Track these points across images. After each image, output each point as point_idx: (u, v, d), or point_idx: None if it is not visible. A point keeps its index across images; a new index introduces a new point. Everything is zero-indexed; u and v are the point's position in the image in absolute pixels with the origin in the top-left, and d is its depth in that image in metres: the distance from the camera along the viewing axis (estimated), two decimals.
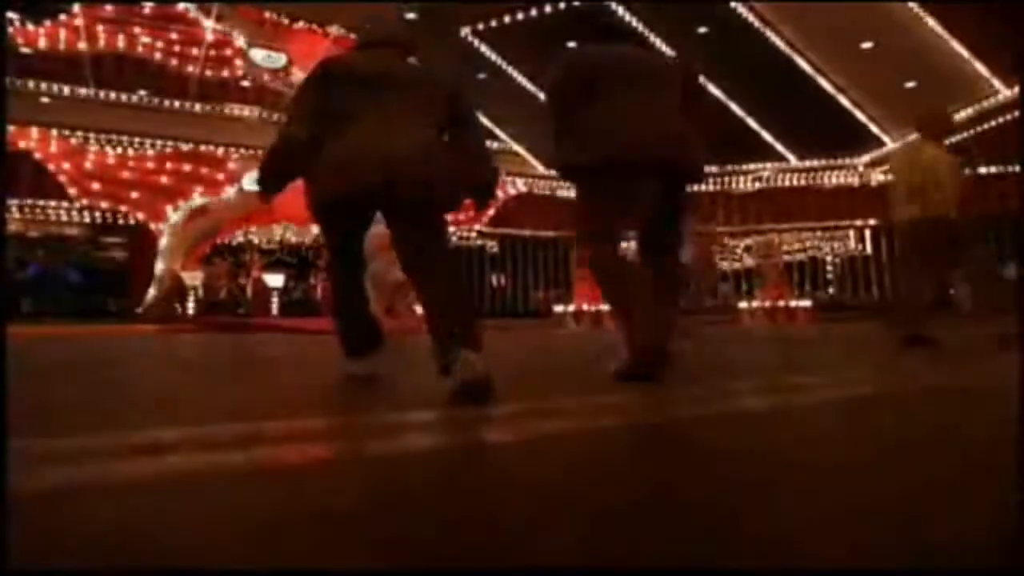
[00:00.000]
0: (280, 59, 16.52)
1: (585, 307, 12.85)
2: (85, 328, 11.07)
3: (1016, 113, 14.17)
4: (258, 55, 16.24)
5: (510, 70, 13.19)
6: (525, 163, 17.81)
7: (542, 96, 2.87)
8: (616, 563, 0.65)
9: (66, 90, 14.29)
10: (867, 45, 11.84)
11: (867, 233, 19.98)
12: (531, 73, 13.18)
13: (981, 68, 12.49)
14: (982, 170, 17.40)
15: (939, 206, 4.35)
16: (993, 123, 14.20)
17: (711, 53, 12.20)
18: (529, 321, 15.16)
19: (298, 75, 16.84)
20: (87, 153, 14.73)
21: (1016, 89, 13.01)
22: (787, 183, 18.70)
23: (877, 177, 18.11)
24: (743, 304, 13.69)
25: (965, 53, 11.82)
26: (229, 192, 15.73)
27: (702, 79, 2.85)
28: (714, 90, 13.82)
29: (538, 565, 0.65)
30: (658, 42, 11.91)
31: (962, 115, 14.38)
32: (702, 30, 11.49)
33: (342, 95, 2.41)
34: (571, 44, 10.65)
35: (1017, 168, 16.81)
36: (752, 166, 18.30)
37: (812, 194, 18.59)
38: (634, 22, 11.47)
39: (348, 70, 2.50)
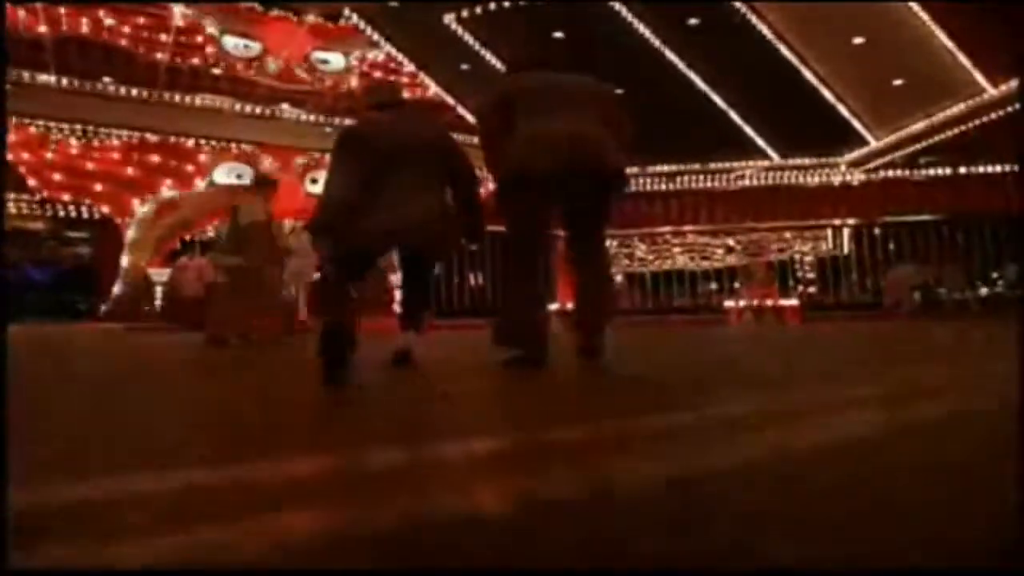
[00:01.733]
0: (254, 47, 15.92)
1: (569, 306, 12.50)
2: (48, 328, 10.47)
3: (1002, 112, 14.14)
4: (231, 42, 15.62)
5: (493, 60, 12.75)
6: None
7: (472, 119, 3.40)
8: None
9: (26, 76, 13.52)
10: (859, 40, 11.62)
11: (845, 233, 19.87)
12: (516, 65, 12.75)
13: (970, 66, 12.36)
14: (962, 170, 17.46)
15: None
16: (979, 121, 14.13)
17: (701, 45, 11.94)
18: None
19: (273, 64, 16.30)
20: (48, 143, 14.00)
21: (1003, 88, 12.93)
22: (769, 181, 18.54)
23: (859, 176, 18.04)
24: (729, 303, 13.46)
25: (957, 51, 11.67)
26: (200, 185, 15.13)
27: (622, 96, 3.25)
28: (701, 84, 13.56)
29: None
30: (647, 33, 11.61)
31: (949, 112, 14.32)
32: (692, 21, 11.18)
33: (367, 161, 3.07)
34: (557, 35, 10.26)
35: (999, 168, 16.87)
36: (734, 164, 18.10)
37: (793, 193, 18.46)
38: (623, 12, 11.15)
39: (368, 138, 3.16)
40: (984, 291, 19.56)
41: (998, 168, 16.67)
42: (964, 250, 17.75)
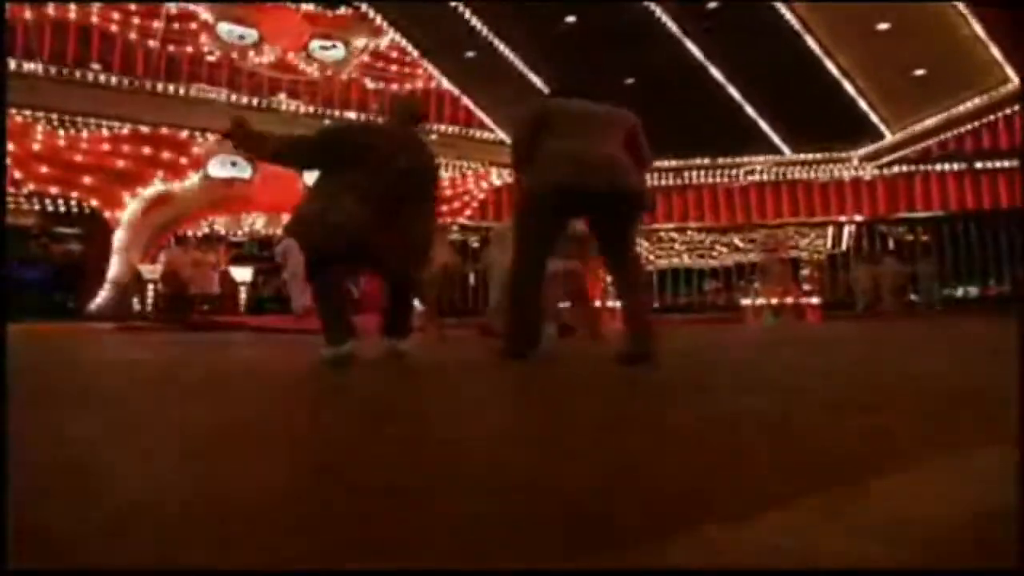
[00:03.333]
0: (250, 35, 15.33)
1: (598, 303, 11.94)
2: (28, 328, 9.89)
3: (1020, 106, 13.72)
4: (225, 29, 15.04)
5: (502, 47, 12.19)
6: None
7: (508, 141, 3.35)
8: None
9: (11, 64, 12.93)
10: (883, 26, 11.13)
11: (851, 229, 19.40)
12: (524, 53, 12.23)
13: (1000, 57, 11.87)
14: (978, 165, 17.04)
15: None
16: (1001, 113, 13.71)
17: (718, 32, 11.46)
18: None
19: (269, 52, 15.73)
20: (35, 133, 13.41)
21: None
22: (779, 177, 18.08)
23: (872, 171, 17.62)
24: (746, 301, 13.00)
25: (987, 40, 11.17)
26: (193, 179, 14.56)
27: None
28: (716, 74, 13.06)
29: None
30: (664, 18, 11.12)
31: (968, 105, 13.88)
32: (712, 5, 10.67)
33: (349, 155, 3.24)
34: (570, 19, 9.75)
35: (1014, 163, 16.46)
36: (745, 159, 17.63)
37: (803, 188, 18.04)
38: None
39: (357, 140, 3.35)
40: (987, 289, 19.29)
41: (1013, 163, 16.27)
42: (979, 247, 17.40)
